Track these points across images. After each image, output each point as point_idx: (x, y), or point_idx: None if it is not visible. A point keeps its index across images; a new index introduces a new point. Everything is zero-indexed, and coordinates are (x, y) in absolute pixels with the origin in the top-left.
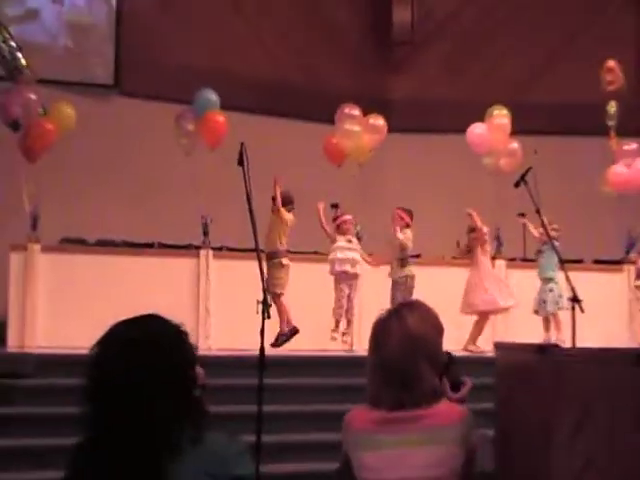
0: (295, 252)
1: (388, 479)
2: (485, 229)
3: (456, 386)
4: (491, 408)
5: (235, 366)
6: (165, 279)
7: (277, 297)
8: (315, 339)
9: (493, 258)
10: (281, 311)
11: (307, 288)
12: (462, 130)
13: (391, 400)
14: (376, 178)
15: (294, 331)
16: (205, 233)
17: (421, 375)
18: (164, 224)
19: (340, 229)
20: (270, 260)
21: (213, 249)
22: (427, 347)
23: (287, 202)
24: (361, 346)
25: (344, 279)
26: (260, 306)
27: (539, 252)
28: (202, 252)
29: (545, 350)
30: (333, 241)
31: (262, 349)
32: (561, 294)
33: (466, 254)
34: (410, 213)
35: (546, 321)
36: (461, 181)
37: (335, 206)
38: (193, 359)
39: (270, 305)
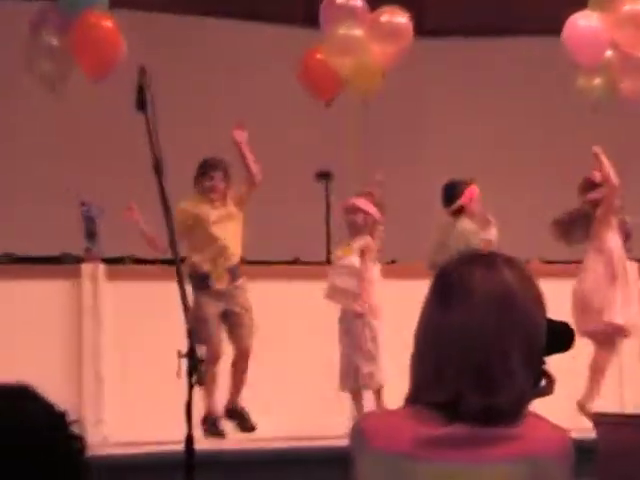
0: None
1: None
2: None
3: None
4: None
5: (147, 470)
6: (21, 317)
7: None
8: (291, 419)
9: None
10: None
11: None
12: (543, 31)
13: (451, 401)
14: (398, 121)
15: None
16: (90, 235)
17: (512, 367)
18: (18, 222)
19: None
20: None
21: (105, 262)
22: (528, 321)
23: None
24: None
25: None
26: (184, 363)
27: None
28: (85, 268)
29: None
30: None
31: (189, 440)
32: None
33: (576, 230)
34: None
35: None
36: (545, 113)
37: (326, 176)
38: (78, 464)
39: (202, 361)
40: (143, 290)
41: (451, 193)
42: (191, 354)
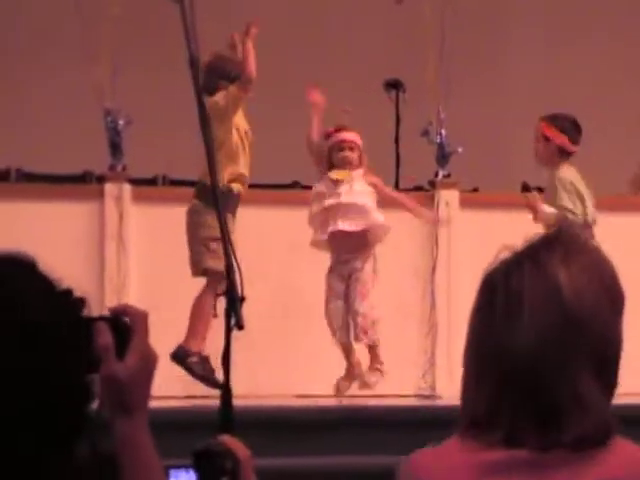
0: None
1: None
2: None
3: None
4: None
5: (174, 428)
6: (36, 242)
7: (212, 277)
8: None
9: None
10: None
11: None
12: None
13: (510, 439)
14: (480, 22)
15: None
16: (115, 151)
17: (582, 394)
18: (33, 136)
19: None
20: (200, 199)
21: (132, 182)
22: (593, 327)
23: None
24: (449, 390)
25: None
26: (222, 301)
27: None
28: (109, 188)
29: None
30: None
31: (227, 394)
32: None
33: None
34: (570, 125)
35: None
36: None
37: (396, 85)
38: (86, 352)
39: (243, 300)
40: (174, 215)
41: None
42: (230, 292)
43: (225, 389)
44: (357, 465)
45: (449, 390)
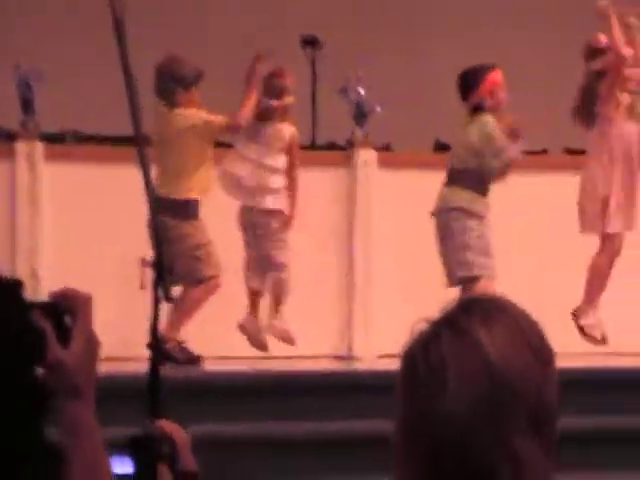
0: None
1: None
2: (627, 52)
3: None
4: None
5: (106, 397)
6: None
7: (211, 282)
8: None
9: None
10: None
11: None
12: None
13: None
14: None
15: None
16: (26, 105)
17: (517, 450)
18: None
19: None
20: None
21: (45, 139)
22: (526, 398)
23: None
24: (366, 350)
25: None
26: (147, 272)
27: None
28: (20, 146)
29: None
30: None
31: (155, 366)
32: None
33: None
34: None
35: None
36: None
37: (312, 42)
38: (33, 346)
39: (172, 272)
40: (91, 175)
41: (467, 83)
42: (158, 264)
43: (153, 361)
44: (278, 431)
45: (366, 350)
